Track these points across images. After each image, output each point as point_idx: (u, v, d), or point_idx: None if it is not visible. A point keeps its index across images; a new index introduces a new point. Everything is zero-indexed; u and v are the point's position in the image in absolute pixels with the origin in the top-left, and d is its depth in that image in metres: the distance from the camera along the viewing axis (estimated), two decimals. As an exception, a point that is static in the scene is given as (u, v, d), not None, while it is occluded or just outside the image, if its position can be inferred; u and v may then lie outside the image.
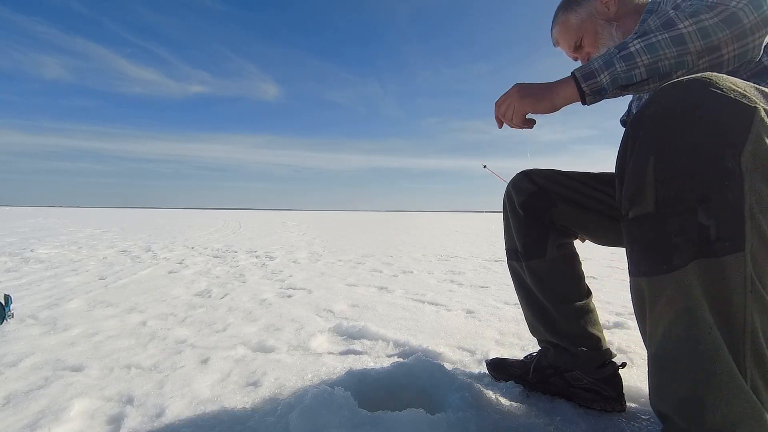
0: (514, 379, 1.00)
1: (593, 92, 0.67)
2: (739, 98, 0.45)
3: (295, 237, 6.42)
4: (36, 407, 0.89)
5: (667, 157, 0.46)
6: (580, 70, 0.68)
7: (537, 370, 0.96)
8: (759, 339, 0.44)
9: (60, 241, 4.87)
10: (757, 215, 0.43)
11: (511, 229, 0.96)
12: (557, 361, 0.93)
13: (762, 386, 0.45)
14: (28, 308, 1.73)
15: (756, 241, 0.43)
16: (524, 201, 0.91)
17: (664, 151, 0.47)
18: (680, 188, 0.46)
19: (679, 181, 0.46)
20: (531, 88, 0.75)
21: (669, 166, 0.46)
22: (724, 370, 0.44)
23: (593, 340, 0.90)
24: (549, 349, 0.96)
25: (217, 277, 2.65)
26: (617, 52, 0.64)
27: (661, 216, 0.47)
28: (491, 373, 1.06)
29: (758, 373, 0.45)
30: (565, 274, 0.92)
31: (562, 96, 0.70)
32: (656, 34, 0.61)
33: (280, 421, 0.80)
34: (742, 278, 0.44)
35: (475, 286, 2.43)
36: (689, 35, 0.58)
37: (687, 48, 0.59)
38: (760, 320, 0.44)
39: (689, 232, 0.45)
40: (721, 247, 0.44)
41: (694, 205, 0.45)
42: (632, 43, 0.62)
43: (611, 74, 0.64)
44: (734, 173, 0.43)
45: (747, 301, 0.44)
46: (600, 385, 0.88)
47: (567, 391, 0.92)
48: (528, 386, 0.97)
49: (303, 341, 1.35)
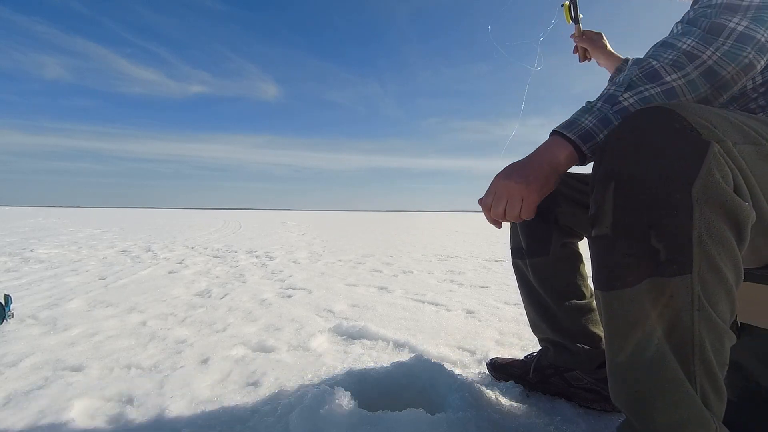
0: (515, 379, 1.01)
1: (594, 153, 0.61)
2: (698, 131, 0.47)
3: (295, 237, 6.43)
4: (36, 407, 0.89)
5: (624, 184, 0.49)
6: (570, 129, 0.62)
7: (537, 370, 0.97)
8: (707, 352, 0.48)
9: (60, 241, 4.87)
10: (706, 241, 0.46)
11: (516, 227, 0.97)
12: (557, 360, 0.94)
13: (713, 396, 0.49)
14: (28, 308, 1.73)
15: (704, 265, 0.46)
16: None
17: (622, 178, 0.49)
18: (634, 214, 0.48)
19: (634, 207, 0.48)
20: (524, 172, 0.64)
21: (626, 192, 0.49)
22: (671, 378, 0.48)
23: (594, 339, 0.91)
24: (549, 349, 0.96)
25: (217, 277, 2.66)
26: (609, 107, 0.60)
27: (617, 238, 0.50)
28: (491, 373, 1.06)
29: (708, 383, 0.48)
30: (568, 272, 0.92)
31: (562, 163, 0.63)
32: (646, 87, 0.58)
33: (280, 421, 0.80)
34: (690, 297, 0.47)
35: (475, 286, 2.43)
36: (680, 89, 0.58)
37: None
38: (708, 336, 0.47)
39: (642, 254, 0.48)
40: (669, 268, 0.47)
41: (646, 229, 0.48)
42: (623, 97, 0.59)
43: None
44: (683, 203, 0.46)
45: (694, 318, 0.47)
46: (600, 385, 0.88)
47: (567, 391, 0.92)
48: (528, 386, 0.98)
49: (303, 341, 1.35)
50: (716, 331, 0.48)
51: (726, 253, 0.47)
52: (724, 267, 0.47)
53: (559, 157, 0.63)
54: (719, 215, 0.46)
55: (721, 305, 0.48)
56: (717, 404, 0.50)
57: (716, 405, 0.49)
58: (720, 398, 0.50)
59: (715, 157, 0.46)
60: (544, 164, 0.63)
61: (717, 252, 0.47)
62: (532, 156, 0.64)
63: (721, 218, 0.47)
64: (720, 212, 0.46)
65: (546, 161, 0.63)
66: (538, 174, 0.63)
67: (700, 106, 0.51)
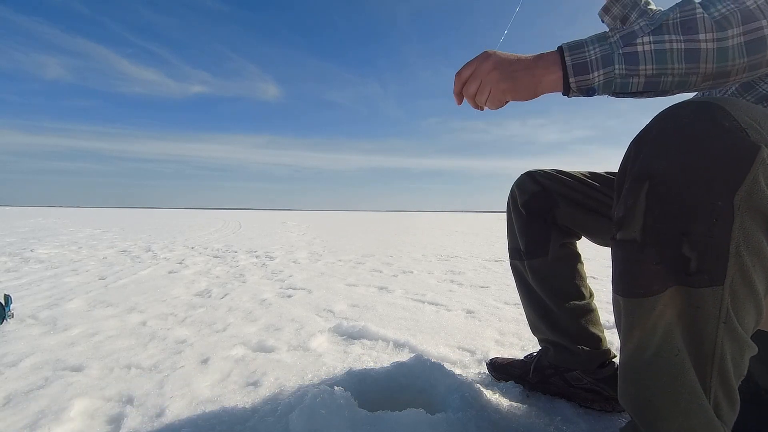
0: (515, 378, 1.00)
1: (580, 89, 0.57)
2: (747, 133, 0.43)
3: (295, 237, 6.42)
4: (36, 407, 0.89)
5: (660, 186, 0.45)
6: (572, 51, 0.57)
7: (537, 370, 0.97)
8: (727, 363, 0.46)
9: (60, 241, 4.87)
10: (742, 253, 0.43)
11: (514, 228, 0.97)
12: (557, 360, 0.94)
13: (725, 406, 0.48)
14: (28, 308, 1.73)
15: (737, 277, 0.44)
16: (527, 201, 0.91)
17: (659, 179, 0.45)
18: (668, 219, 0.45)
19: (668, 212, 0.45)
20: (510, 68, 0.60)
21: (661, 195, 0.45)
22: (687, 388, 0.46)
23: (594, 340, 0.91)
24: (549, 349, 0.96)
25: (217, 277, 2.65)
26: (621, 43, 0.54)
27: (646, 244, 0.46)
28: (491, 373, 1.06)
29: (723, 393, 0.47)
30: (567, 273, 0.92)
31: (545, 83, 0.59)
32: (671, 36, 0.52)
33: (280, 421, 0.80)
34: (717, 310, 0.44)
35: (475, 286, 2.43)
36: (706, 53, 0.52)
37: (697, 68, 0.53)
38: (730, 348, 0.46)
39: (671, 262, 0.45)
40: (699, 279, 0.44)
41: (679, 236, 0.44)
42: (641, 39, 0.53)
43: (606, 76, 0.55)
44: (724, 212, 0.43)
45: (719, 330, 0.45)
46: (600, 385, 0.88)
47: (567, 391, 0.92)
48: (528, 386, 0.98)
49: (303, 341, 1.35)
50: (739, 343, 0.46)
51: (760, 265, 0.44)
52: (756, 279, 0.45)
53: (545, 77, 0.58)
54: (759, 226, 0.43)
55: (747, 317, 0.46)
56: (729, 414, 0.48)
57: (728, 415, 0.48)
58: (733, 408, 0.49)
59: (763, 163, 0.43)
60: (527, 74, 0.59)
61: (752, 263, 0.44)
62: (525, 61, 0.60)
63: (761, 229, 0.44)
64: (761, 222, 0.43)
65: (533, 72, 0.59)
66: (517, 79, 0.60)
67: (747, 104, 0.47)
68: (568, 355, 0.92)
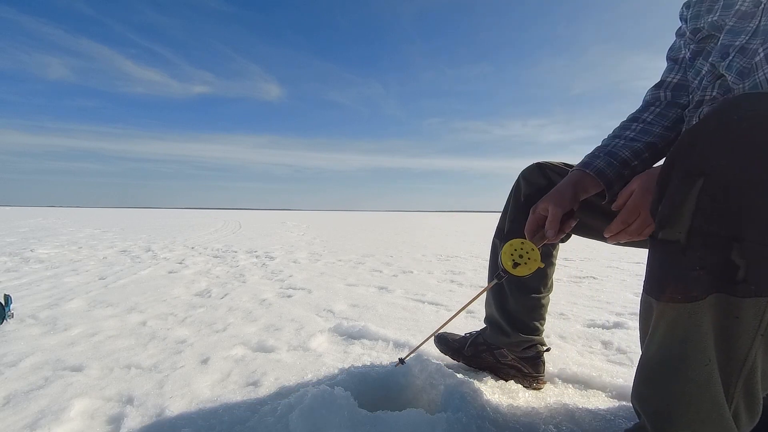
0: (453, 351, 1.11)
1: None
2: None
3: (295, 237, 6.42)
4: (36, 407, 0.89)
5: (715, 185, 0.41)
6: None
7: (472, 345, 1.07)
8: (756, 374, 0.44)
9: (60, 241, 4.87)
10: None
11: (507, 210, 0.99)
12: (491, 339, 1.03)
13: (744, 415, 0.47)
14: (28, 308, 1.72)
15: None
16: (531, 194, 0.92)
17: (716, 176, 0.41)
18: (719, 222, 0.41)
19: (721, 214, 0.41)
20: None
21: (715, 195, 0.41)
22: (710, 399, 0.45)
23: (533, 330, 0.98)
24: (487, 328, 1.05)
25: (217, 277, 2.65)
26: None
27: (691, 247, 0.43)
28: (437, 346, 1.16)
29: (744, 404, 0.46)
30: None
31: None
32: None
33: (280, 421, 0.80)
34: (758, 321, 0.42)
35: (475, 286, 2.43)
36: None
37: None
38: (762, 361, 0.44)
39: (716, 268, 0.42)
40: (744, 289, 0.41)
41: (729, 241, 0.41)
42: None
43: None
44: None
45: (755, 342, 0.43)
46: (522, 362, 0.98)
47: (495, 367, 1.02)
48: (463, 359, 1.09)
49: (303, 341, 1.35)
50: None
51: None
52: None
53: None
54: None
55: None
56: (747, 424, 0.47)
57: (746, 425, 0.47)
58: (752, 420, 0.47)
59: None
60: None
61: None
62: None
63: None
64: None
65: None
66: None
67: None
68: (503, 336, 0.99)
